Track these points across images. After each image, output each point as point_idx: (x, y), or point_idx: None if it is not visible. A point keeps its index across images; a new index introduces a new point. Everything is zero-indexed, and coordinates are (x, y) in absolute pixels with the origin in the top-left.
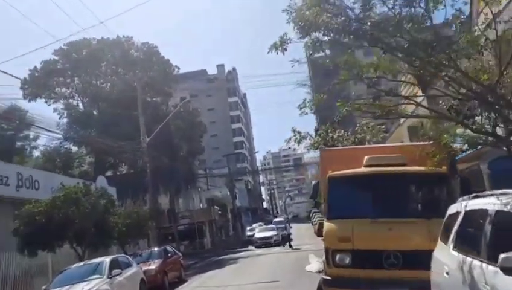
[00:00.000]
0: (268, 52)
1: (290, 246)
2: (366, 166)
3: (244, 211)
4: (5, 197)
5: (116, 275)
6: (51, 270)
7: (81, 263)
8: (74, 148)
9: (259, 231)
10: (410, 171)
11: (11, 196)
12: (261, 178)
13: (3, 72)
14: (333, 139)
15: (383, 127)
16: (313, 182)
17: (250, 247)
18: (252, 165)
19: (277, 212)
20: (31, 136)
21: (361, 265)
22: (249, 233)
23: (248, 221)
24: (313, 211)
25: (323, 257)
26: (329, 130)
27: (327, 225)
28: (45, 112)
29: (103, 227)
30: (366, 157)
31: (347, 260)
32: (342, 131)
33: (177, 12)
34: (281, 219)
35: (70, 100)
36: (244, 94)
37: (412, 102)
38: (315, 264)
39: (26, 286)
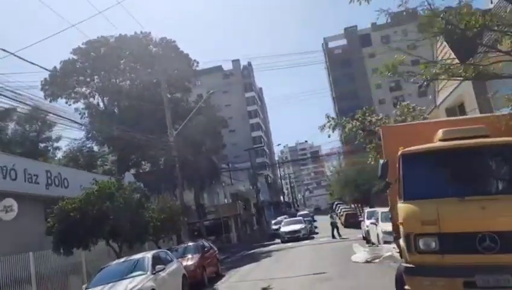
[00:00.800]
0: None
1: (339, 235)
2: (442, 140)
3: (266, 205)
4: (35, 195)
5: (160, 270)
6: (85, 269)
7: (122, 260)
8: (96, 148)
9: (285, 225)
10: (498, 142)
11: (41, 194)
12: (280, 172)
13: (32, 62)
14: (371, 123)
15: (424, 108)
16: (381, 161)
17: (276, 240)
18: (271, 159)
19: (297, 205)
20: (53, 138)
21: (451, 250)
22: (274, 227)
23: (271, 215)
24: (336, 202)
25: (403, 243)
26: (366, 114)
27: (405, 207)
28: (66, 113)
29: (139, 222)
30: (440, 131)
31: (433, 245)
32: (380, 114)
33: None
34: (306, 211)
35: (91, 99)
36: (260, 88)
37: None
38: (362, 253)
39: (61, 286)
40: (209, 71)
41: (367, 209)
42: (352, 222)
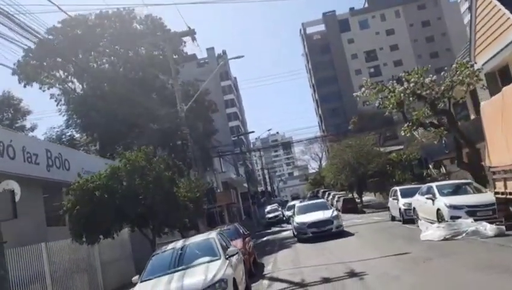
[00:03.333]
0: None
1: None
2: None
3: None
4: (36, 178)
5: (232, 255)
6: (99, 263)
7: (178, 244)
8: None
9: (300, 212)
10: None
11: (42, 176)
12: (261, 162)
13: None
14: (423, 86)
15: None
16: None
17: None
18: (248, 149)
19: (275, 195)
20: (28, 126)
21: None
22: (269, 215)
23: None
24: (322, 190)
25: None
26: (421, 75)
27: None
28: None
29: (173, 203)
30: None
31: None
32: (435, 76)
33: None
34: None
35: (70, 84)
36: (235, 78)
37: None
38: (435, 231)
39: (80, 282)
40: (183, 60)
41: (399, 187)
42: (351, 207)
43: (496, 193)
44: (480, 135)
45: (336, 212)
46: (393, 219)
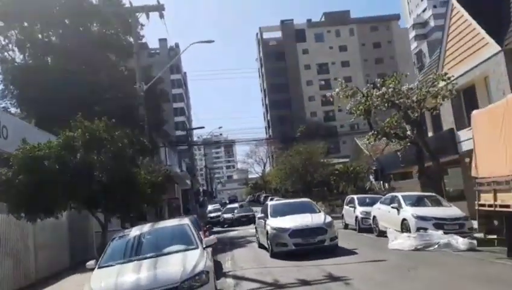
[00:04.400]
0: None
1: None
2: None
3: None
4: None
5: (211, 245)
6: (33, 244)
7: (145, 227)
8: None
9: (276, 213)
10: None
11: None
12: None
13: None
14: (399, 94)
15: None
16: None
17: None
18: (192, 143)
19: (215, 195)
20: None
21: None
22: (211, 215)
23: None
24: (264, 195)
25: None
26: (398, 82)
27: None
28: None
29: (135, 185)
30: None
31: None
32: (416, 83)
33: None
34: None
35: (10, 52)
36: (185, 73)
37: None
38: (405, 240)
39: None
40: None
41: (355, 196)
42: None
43: (481, 205)
44: (441, 150)
45: (329, 218)
46: (346, 227)
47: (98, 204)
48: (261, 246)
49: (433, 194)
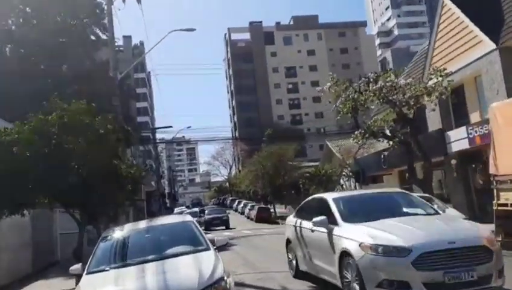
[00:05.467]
0: None
1: None
2: None
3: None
4: None
5: (223, 245)
6: None
7: (141, 225)
8: None
9: (355, 218)
10: None
11: None
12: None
13: None
14: (395, 89)
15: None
16: None
17: None
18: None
19: (177, 199)
20: None
21: None
22: None
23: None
24: (230, 198)
25: None
26: (396, 76)
27: None
28: None
29: (117, 179)
30: None
31: None
32: (411, 78)
33: None
34: (214, 205)
35: None
36: (149, 72)
37: None
38: None
39: None
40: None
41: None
42: (265, 216)
43: (501, 205)
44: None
45: (482, 227)
46: None
47: (75, 200)
48: (306, 275)
49: (430, 195)
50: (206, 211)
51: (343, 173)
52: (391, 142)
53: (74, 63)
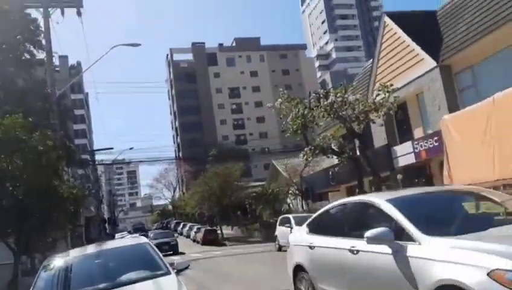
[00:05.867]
0: None
1: None
2: None
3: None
4: None
5: (184, 268)
6: None
7: (89, 249)
8: None
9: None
10: None
11: None
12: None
13: None
14: (345, 104)
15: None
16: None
17: None
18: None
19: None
20: None
21: None
22: None
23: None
24: (175, 221)
25: None
26: (346, 92)
27: None
28: None
29: (57, 201)
30: None
31: None
32: (359, 94)
33: None
34: (160, 230)
35: None
36: (87, 93)
37: None
38: None
39: None
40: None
41: (291, 215)
42: (212, 239)
43: None
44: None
45: None
46: (280, 248)
47: (10, 225)
48: None
49: None
50: (151, 235)
51: (290, 192)
52: (341, 158)
53: (6, 83)
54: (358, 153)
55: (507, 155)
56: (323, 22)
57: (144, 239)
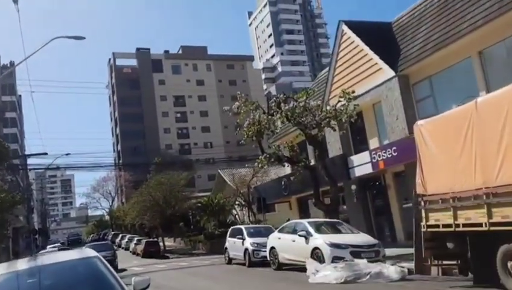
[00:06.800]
0: None
1: None
2: None
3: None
4: None
5: (144, 288)
6: None
7: (23, 265)
8: None
9: None
10: None
11: None
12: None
13: None
14: (306, 110)
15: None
16: None
17: None
18: (23, 179)
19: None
20: None
21: None
22: None
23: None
24: (112, 232)
25: None
26: (307, 97)
27: None
28: None
29: None
30: None
31: None
32: (319, 101)
33: None
34: (102, 242)
35: None
36: (20, 96)
37: None
38: (332, 271)
39: None
40: None
41: (243, 226)
42: (154, 251)
43: (430, 227)
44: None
45: None
46: (230, 261)
47: None
48: None
49: (338, 220)
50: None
51: (237, 203)
52: (297, 167)
53: None
54: (313, 162)
55: (490, 162)
56: (269, 36)
57: (91, 252)
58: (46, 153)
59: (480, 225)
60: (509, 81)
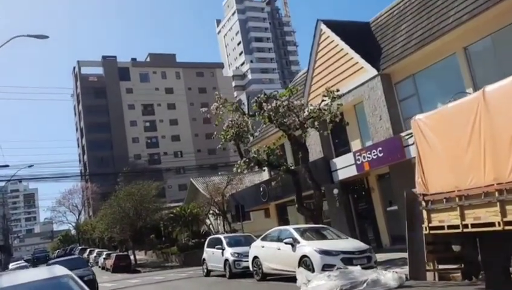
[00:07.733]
0: None
1: None
2: None
3: None
4: None
5: None
6: None
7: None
8: None
9: None
10: None
11: None
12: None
13: None
14: (289, 109)
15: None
16: None
17: None
18: None
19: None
20: None
21: None
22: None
23: None
24: (80, 247)
25: None
26: (290, 95)
27: None
28: None
29: None
30: None
31: None
32: (301, 100)
33: None
34: (71, 256)
35: None
36: None
37: None
38: (326, 281)
39: None
40: None
41: (222, 236)
42: (124, 265)
43: (432, 228)
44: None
45: None
46: (208, 273)
47: None
48: None
49: (325, 226)
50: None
51: (211, 212)
52: (278, 172)
53: None
54: (293, 166)
55: (502, 156)
56: (239, 44)
57: (62, 270)
58: (7, 165)
59: (492, 224)
60: (496, 77)
